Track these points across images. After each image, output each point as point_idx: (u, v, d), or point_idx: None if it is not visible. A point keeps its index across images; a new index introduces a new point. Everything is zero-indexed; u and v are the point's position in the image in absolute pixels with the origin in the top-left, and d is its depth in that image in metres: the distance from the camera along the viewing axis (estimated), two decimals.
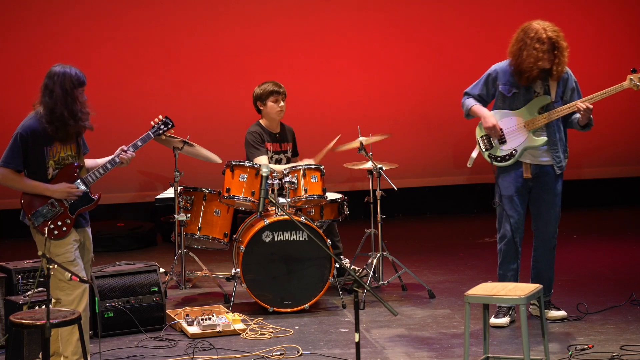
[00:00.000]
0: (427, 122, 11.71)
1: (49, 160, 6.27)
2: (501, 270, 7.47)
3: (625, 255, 9.64)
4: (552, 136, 7.35)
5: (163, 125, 6.81)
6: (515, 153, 7.37)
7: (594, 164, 12.06)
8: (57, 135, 6.23)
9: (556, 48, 7.20)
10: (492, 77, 7.42)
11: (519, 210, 7.38)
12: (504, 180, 7.42)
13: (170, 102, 11.06)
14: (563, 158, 7.41)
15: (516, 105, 7.36)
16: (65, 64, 6.30)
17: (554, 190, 7.42)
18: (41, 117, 6.22)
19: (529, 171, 7.38)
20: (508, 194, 7.38)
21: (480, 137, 7.48)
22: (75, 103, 6.22)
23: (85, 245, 6.44)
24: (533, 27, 7.24)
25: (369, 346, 7.07)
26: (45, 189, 6.26)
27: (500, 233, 7.45)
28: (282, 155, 8.56)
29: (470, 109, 7.46)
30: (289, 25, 11.40)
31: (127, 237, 10.57)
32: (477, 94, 7.48)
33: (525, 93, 7.34)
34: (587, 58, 11.57)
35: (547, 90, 7.33)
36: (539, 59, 7.17)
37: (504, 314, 7.42)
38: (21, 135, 6.22)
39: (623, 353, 6.68)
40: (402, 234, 10.79)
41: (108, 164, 6.44)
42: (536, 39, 7.17)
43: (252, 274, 7.87)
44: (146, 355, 7.00)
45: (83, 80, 6.29)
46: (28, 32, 10.90)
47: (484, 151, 7.48)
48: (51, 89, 6.22)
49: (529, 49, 7.18)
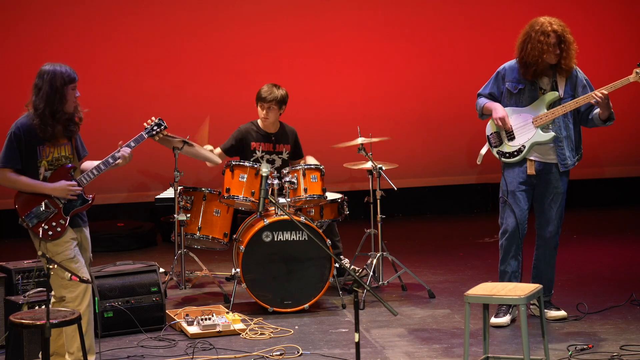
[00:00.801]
0: (427, 122, 11.71)
1: (42, 160, 6.28)
2: (502, 266, 7.46)
3: (625, 255, 9.64)
4: (558, 133, 7.35)
5: (156, 127, 6.81)
6: (523, 149, 7.37)
7: (594, 164, 12.05)
8: (43, 135, 6.24)
9: (562, 42, 7.21)
10: (501, 75, 7.46)
11: (522, 207, 7.38)
12: (508, 175, 7.43)
13: (170, 102, 11.06)
14: (570, 156, 7.39)
15: (522, 102, 7.37)
16: (56, 63, 6.30)
17: (557, 189, 7.41)
18: (30, 116, 6.25)
19: (533, 168, 7.38)
20: (511, 189, 7.39)
21: (489, 134, 7.50)
22: (62, 101, 6.22)
23: (82, 245, 6.44)
24: (539, 20, 7.30)
25: (369, 346, 7.07)
26: (44, 187, 6.26)
27: (502, 228, 7.45)
28: (276, 157, 8.55)
29: (483, 107, 7.48)
30: (289, 26, 11.40)
31: (127, 237, 10.57)
32: (488, 93, 7.50)
33: (531, 89, 7.35)
34: (588, 58, 11.55)
35: (554, 86, 7.34)
36: (544, 52, 7.19)
37: (504, 313, 7.42)
38: (15, 133, 6.26)
39: (623, 353, 6.68)
40: (402, 234, 10.78)
41: (102, 165, 6.44)
42: (541, 32, 7.20)
43: (252, 274, 7.87)
44: (146, 355, 7.00)
45: (74, 77, 6.29)
46: (28, 32, 10.89)
47: (493, 148, 7.49)
48: (40, 87, 6.25)
49: (533, 42, 7.21)
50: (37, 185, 6.27)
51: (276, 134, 8.56)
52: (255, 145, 8.49)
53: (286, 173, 8.12)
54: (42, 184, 6.27)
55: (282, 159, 8.57)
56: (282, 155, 8.57)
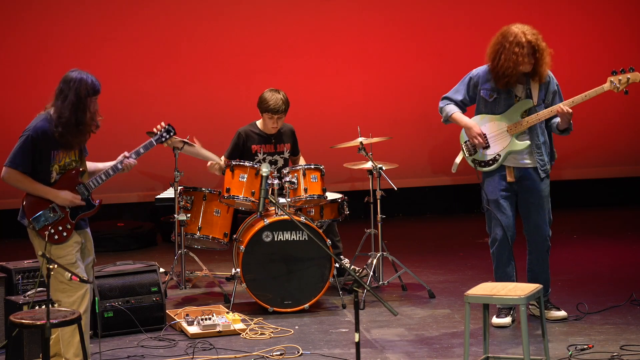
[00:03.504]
0: (427, 122, 11.70)
1: (54, 164, 6.26)
2: (497, 274, 7.46)
3: (625, 255, 9.64)
4: (536, 140, 7.33)
5: (165, 133, 6.80)
6: (498, 157, 7.35)
7: (594, 164, 12.05)
8: (61, 141, 6.21)
9: (536, 51, 7.17)
10: (474, 81, 7.40)
11: (507, 214, 7.37)
12: (489, 184, 7.41)
13: (170, 102, 11.06)
14: (548, 161, 7.39)
15: (498, 110, 7.34)
16: (82, 70, 6.26)
17: (540, 193, 7.39)
18: (51, 120, 6.20)
19: (512, 174, 7.36)
20: (494, 197, 7.37)
21: (463, 143, 7.48)
22: (85, 111, 6.19)
23: (86, 246, 6.43)
24: (512, 30, 7.20)
25: (369, 346, 7.07)
26: (49, 193, 6.23)
27: (491, 237, 7.45)
28: (278, 157, 8.55)
29: (450, 116, 7.45)
30: (289, 26, 11.40)
31: (127, 237, 10.57)
32: (459, 100, 7.45)
33: (507, 97, 7.31)
34: (587, 58, 11.57)
35: (529, 94, 7.31)
36: (519, 63, 7.14)
37: (505, 313, 7.42)
38: (32, 137, 6.17)
39: (623, 353, 6.68)
40: (402, 234, 10.78)
41: (110, 170, 6.43)
42: (515, 43, 7.14)
43: (252, 273, 7.87)
44: (146, 355, 7.00)
45: (98, 89, 6.25)
46: (28, 33, 10.89)
47: (468, 156, 7.47)
48: (65, 94, 6.17)
49: (507, 53, 7.15)
50: (42, 189, 6.23)
51: (275, 135, 8.55)
52: (257, 148, 8.48)
53: (286, 173, 8.12)
54: (47, 190, 6.23)
55: (283, 158, 8.57)
56: (283, 155, 8.57)
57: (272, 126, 8.45)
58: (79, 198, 6.29)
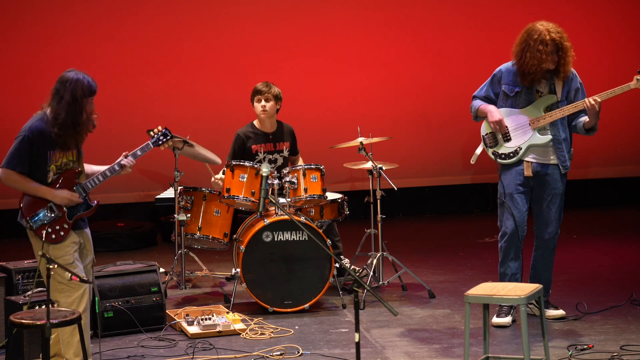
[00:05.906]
0: (427, 122, 11.71)
1: (51, 164, 6.25)
2: (501, 268, 7.47)
3: (625, 255, 9.64)
4: (558, 135, 7.36)
5: (162, 137, 6.80)
6: (519, 151, 7.37)
7: (595, 164, 12.06)
8: (58, 141, 6.20)
9: (560, 49, 7.22)
10: (497, 77, 7.46)
11: (520, 208, 7.38)
12: (505, 178, 7.43)
13: (171, 102, 11.06)
14: (568, 158, 7.42)
15: (518, 104, 7.38)
16: (79, 70, 6.26)
17: (556, 190, 7.42)
18: (47, 120, 6.20)
19: (530, 169, 7.38)
20: (509, 191, 7.40)
21: (485, 135, 7.50)
22: (81, 112, 6.18)
23: (85, 246, 6.43)
24: (537, 28, 7.25)
25: (369, 346, 7.07)
26: (46, 192, 6.23)
27: (501, 231, 7.45)
28: (277, 155, 8.55)
29: (477, 109, 7.48)
30: (289, 26, 11.40)
31: (127, 237, 10.57)
32: (483, 95, 7.50)
33: (527, 92, 7.35)
34: (588, 60, 11.56)
35: (552, 89, 7.34)
36: (543, 61, 7.19)
37: (505, 313, 7.42)
38: (28, 137, 6.17)
39: (623, 353, 6.68)
40: (402, 234, 10.78)
41: (107, 172, 6.42)
42: (539, 41, 7.18)
43: (252, 273, 7.87)
44: (146, 355, 7.01)
45: (94, 90, 6.24)
46: (28, 33, 10.89)
47: (488, 148, 7.49)
48: (61, 94, 6.17)
49: (532, 51, 7.20)
50: (40, 189, 6.24)
51: (274, 133, 8.56)
52: (257, 148, 8.48)
53: (286, 173, 8.12)
54: (45, 189, 6.24)
55: (283, 156, 8.58)
56: (283, 153, 8.58)
57: (261, 109, 8.41)
58: (77, 196, 6.29)
